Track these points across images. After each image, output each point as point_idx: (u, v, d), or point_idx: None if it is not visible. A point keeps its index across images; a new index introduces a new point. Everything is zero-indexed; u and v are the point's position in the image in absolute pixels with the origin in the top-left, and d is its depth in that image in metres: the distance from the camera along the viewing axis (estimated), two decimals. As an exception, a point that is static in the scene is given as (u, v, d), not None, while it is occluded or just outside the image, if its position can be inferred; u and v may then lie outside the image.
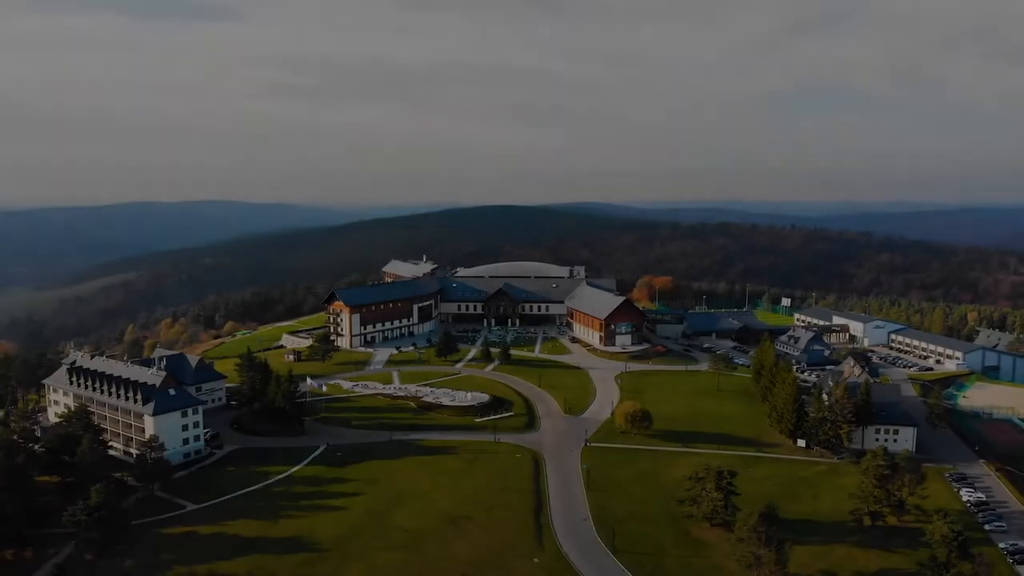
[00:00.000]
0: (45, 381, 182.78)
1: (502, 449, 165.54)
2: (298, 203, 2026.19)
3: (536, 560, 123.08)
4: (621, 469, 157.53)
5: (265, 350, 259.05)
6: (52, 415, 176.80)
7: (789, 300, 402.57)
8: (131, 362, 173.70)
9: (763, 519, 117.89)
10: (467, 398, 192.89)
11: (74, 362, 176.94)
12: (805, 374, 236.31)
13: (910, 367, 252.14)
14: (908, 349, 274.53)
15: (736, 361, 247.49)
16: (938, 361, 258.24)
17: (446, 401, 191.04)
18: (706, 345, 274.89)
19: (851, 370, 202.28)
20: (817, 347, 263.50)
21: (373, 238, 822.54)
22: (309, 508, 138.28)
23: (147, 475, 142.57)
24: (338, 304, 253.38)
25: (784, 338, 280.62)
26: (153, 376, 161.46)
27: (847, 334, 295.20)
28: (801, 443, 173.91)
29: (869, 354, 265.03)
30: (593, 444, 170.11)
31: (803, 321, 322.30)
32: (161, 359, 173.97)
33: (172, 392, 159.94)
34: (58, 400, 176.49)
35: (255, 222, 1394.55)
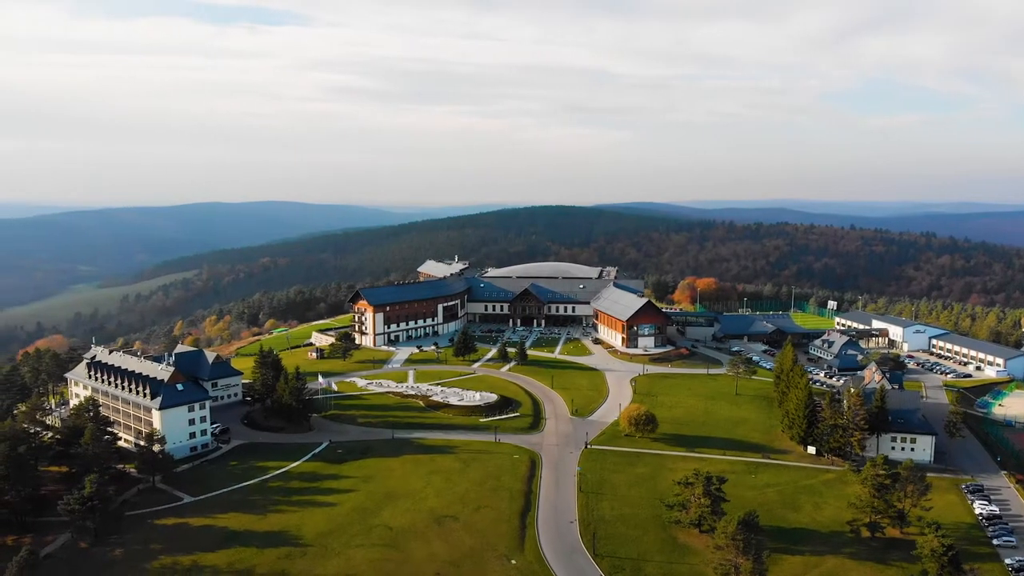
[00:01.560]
0: (68, 375, 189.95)
1: (501, 449, 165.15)
2: (358, 204, 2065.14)
3: (513, 561, 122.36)
4: (618, 472, 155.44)
5: (294, 347, 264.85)
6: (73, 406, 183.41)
7: (835, 303, 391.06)
8: (145, 358, 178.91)
9: (742, 527, 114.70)
10: (475, 398, 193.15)
11: (94, 357, 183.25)
12: (834, 379, 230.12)
13: (947, 373, 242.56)
14: (949, 355, 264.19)
15: (763, 365, 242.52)
16: (978, 368, 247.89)
17: (454, 400, 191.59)
18: (735, 348, 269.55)
19: (872, 376, 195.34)
20: (851, 352, 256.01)
21: (425, 238, 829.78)
22: (300, 504, 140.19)
23: (148, 467, 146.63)
24: (362, 303, 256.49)
25: (818, 342, 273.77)
26: (162, 371, 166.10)
27: (886, 339, 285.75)
28: (811, 450, 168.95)
29: (906, 359, 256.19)
30: (594, 447, 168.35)
31: (843, 325, 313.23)
32: (171, 355, 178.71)
33: (180, 387, 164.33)
34: (79, 393, 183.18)
35: (315, 222, 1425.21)
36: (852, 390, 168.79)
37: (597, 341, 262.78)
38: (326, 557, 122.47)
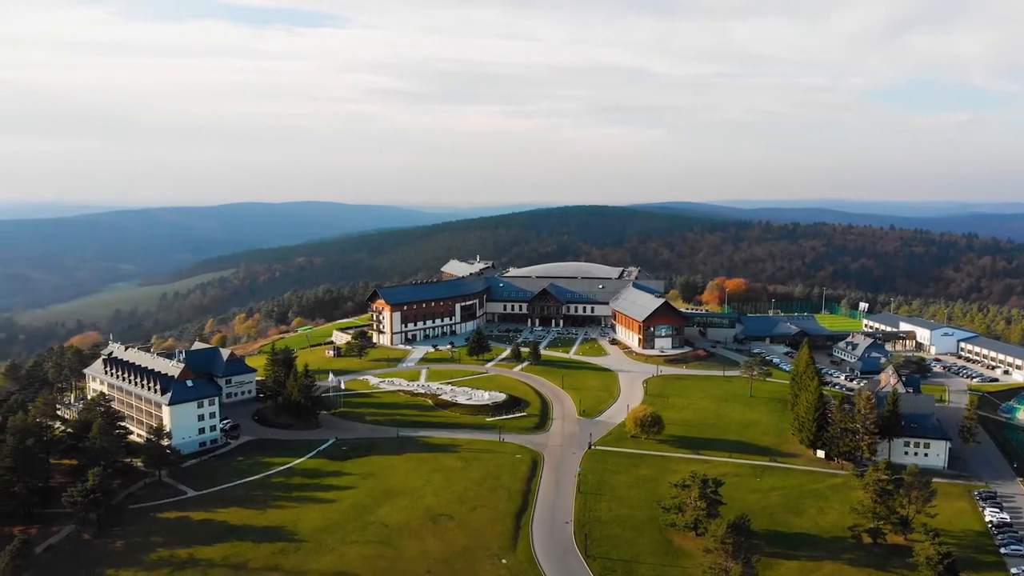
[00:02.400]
0: (86, 371, 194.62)
1: (504, 449, 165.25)
2: (394, 204, 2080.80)
3: (504, 561, 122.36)
4: (620, 474, 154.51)
5: (314, 345, 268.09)
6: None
7: (867, 305, 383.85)
8: (157, 354, 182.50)
9: (731, 530, 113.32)
10: (484, 397, 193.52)
11: (110, 353, 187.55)
12: (854, 382, 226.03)
13: (973, 377, 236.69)
14: (977, 358, 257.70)
15: (783, 367, 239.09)
16: (1006, 372, 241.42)
17: (462, 400, 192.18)
18: (756, 350, 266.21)
19: (888, 379, 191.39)
20: (875, 355, 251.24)
21: (457, 239, 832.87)
22: (300, 499, 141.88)
23: (155, 461, 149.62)
24: (380, 302, 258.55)
25: (842, 345, 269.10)
26: (173, 368, 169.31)
27: (914, 342, 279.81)
28: (821, 454, 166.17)
29: (932, 363, 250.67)
30: (599, 447, 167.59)
31: (870, 327, 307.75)
32: (181, 352, 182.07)
33: (189, 383, 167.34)
34: (96, 388, 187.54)
35: (351, 223, 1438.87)
36: (863, 393, 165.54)
37: (614, 342, 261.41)
38: (320, 553, 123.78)
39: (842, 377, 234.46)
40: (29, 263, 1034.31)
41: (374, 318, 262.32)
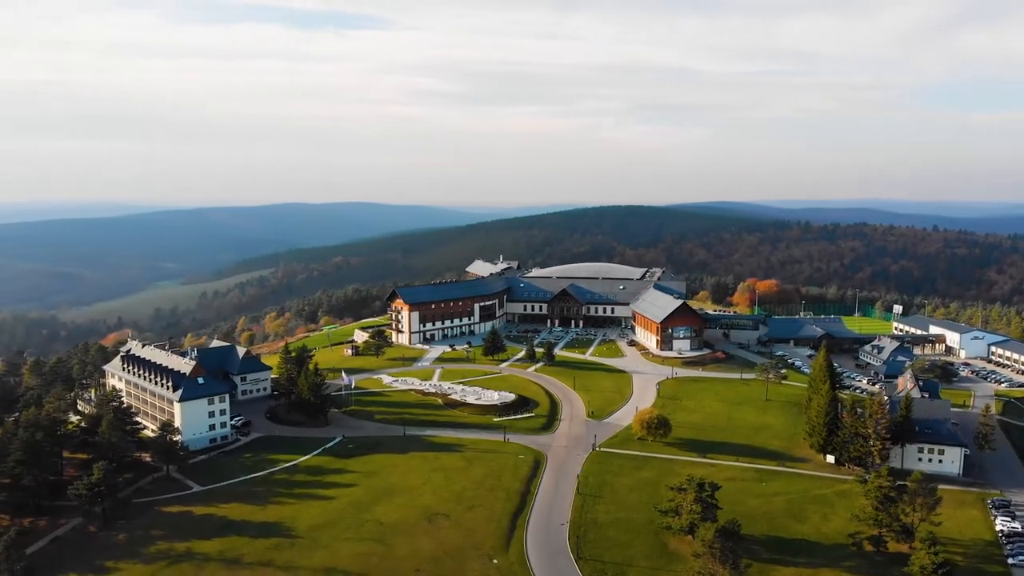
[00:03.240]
0: (105, 367, 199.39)
1: (508, 449, 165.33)
2: (436, 205, 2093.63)
3: (495, 561, 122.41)
4: (622, 476, 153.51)
5: (335, 344, 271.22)
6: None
7: (901, 308, 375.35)
8: (171, 351, 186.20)
9: (720, 534, 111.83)
10: (493, 397, 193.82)
11: (128, 350, 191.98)
12: (876, 386, 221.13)
13: (1002, 382, 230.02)
14: (1008, 363, 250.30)
15: (804, 371, 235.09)
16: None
17: (471, 399, 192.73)
18: (779, 353, 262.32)
19: (905, 383, 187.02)
20: (900, 358, 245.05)
21: (491, 239, 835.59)
22: (300, 496, 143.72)
23: (163, 456, 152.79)
24: (398, 302, 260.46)
25: (868, 348, 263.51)
26: (185, 365, 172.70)
27: (943, 345, 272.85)
28: (830, 459, 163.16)
29: (960, 367, 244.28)
30: (603, 449, 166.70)
31: (900, 330, 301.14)
32: (193, 349, 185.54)
33: (200, 380, 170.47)
34: (114, 384, 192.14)
35: (392, 223, 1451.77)
36: (874, 397, 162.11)
37: (632, 343, 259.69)
38: (313, 549, 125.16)
39: (864, 381, 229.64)
40: (77, 261, 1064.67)
41: (393, 317, 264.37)
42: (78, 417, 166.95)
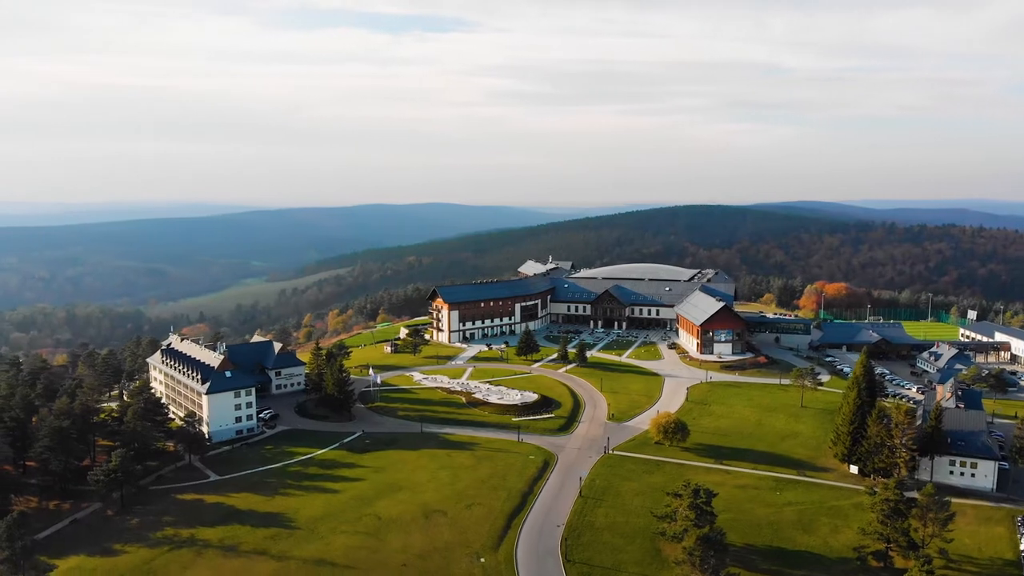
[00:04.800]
0: (148, 360, 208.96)
1: (519, 449, 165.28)
2: (515, 205, 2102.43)
3: (482, 560, 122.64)
4: (630, 480, 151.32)
5: (378, 342, 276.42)
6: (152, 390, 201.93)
7: (975, 313, 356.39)
8: (204, 346, 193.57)
9: (702, 542, 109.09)
10: (515, 397, 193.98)
11: (168, 344, 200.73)
12: (925, 395, 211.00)
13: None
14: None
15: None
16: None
17: (493, 399, 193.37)
18: (828, 358, 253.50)
19: (943, 392, 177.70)
20: (958, 366, 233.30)
21: (561, 239, 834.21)
22: (308, 489, 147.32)
23: (185, 446, 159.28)
24: (439, 301, 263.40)
25: (925, 355, 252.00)
26: (215, 359, 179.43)
27: (1008, 353, 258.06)
28: (854, 469, 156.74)
29: (1021, 375, 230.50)
30: (617, 452, 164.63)
31: (966, 336, 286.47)
32: (222, 343, 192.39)
33: (228, 374, 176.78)
34: (155, 376, 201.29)
35: (470, 223, 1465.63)
36: (900, 406, 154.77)
37: (673, 346, 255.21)
38: (309, 540, 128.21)
39: (914, 389, 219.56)
40: (168, 259, 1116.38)
41: (434, 316, 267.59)
42: (114, 406, 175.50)
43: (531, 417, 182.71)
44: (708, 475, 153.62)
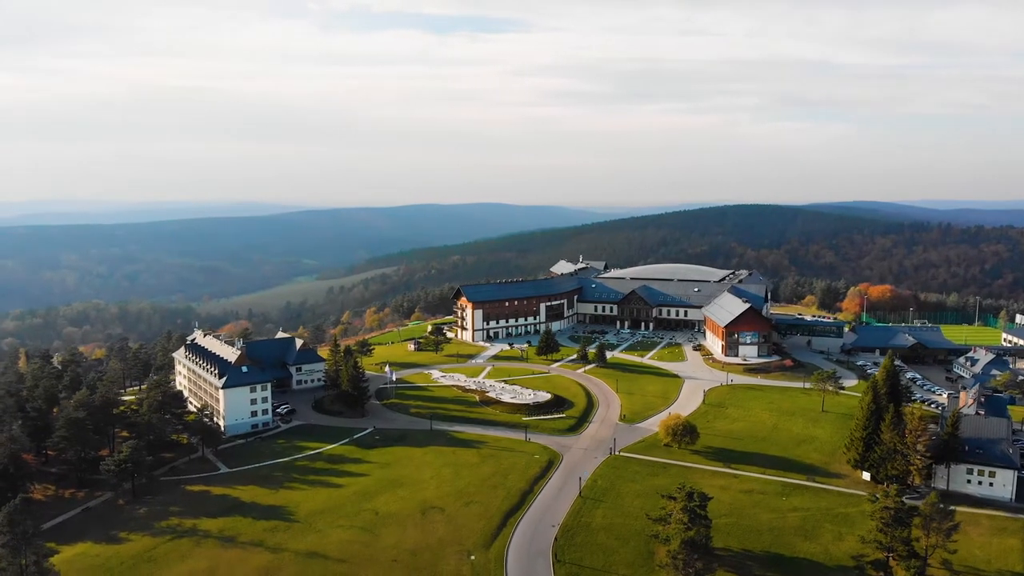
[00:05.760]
0: (174, 354, 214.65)
1: (525, 448, 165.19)
2: (563, 205, 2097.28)
3: (473, 557, 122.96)
4: (633, 482, 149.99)
5: (405, 340, 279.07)
6: (177, 383, 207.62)
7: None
8: (224, 341, 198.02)
9: (685, 545, 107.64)
10: (528, 396, 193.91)
11: (192, 339, 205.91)
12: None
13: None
14: None
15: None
16: None
17: (506, 398, 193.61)
18: (860, 362, 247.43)
19: (966, 399, 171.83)
20: (994, 372, 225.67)
21: (604, 239, 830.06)
22: (312, 483, 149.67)
23: (199, 438, 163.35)
24: (463, 300, 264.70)
25: (962, 360, 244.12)
26: (232, 354, 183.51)
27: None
28: (866, 476, 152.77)
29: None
30: (624, 454, 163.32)
31: (1009, 341, 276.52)
32: (240, 339, 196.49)
33: (244, 369, 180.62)
34: (180, 371, 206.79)
35: (517, 223, 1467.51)
36: (914, 411, 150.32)
37: (698, 348, 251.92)
38: (305, 534, 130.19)
39: (944, 395, 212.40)
40: (223, 257, 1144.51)
41: (458, 315, 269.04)
42: (131, 398, 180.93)
43: (542, 417, 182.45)
44: (714, 479, 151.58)
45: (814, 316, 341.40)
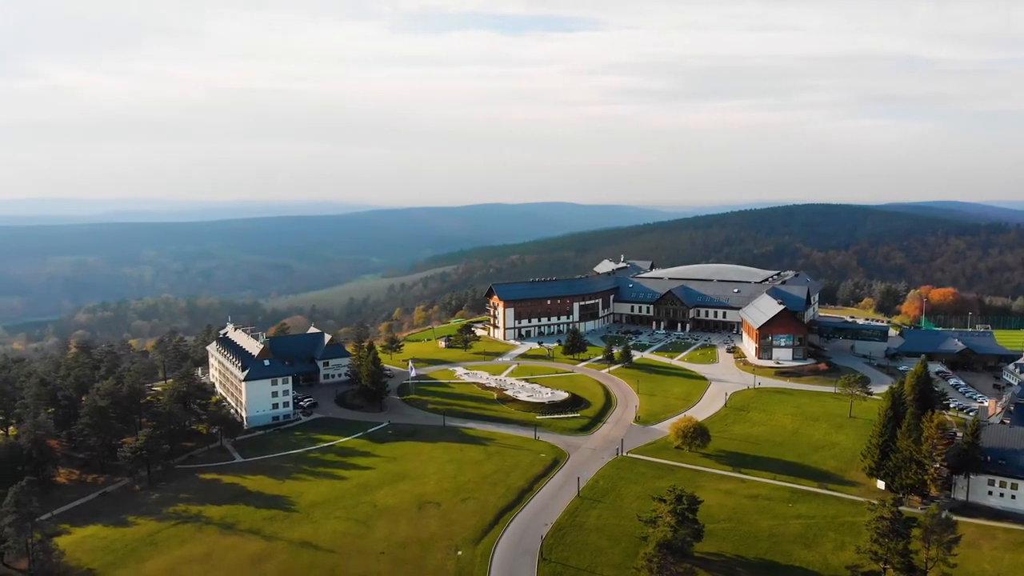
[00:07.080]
0: (208, 347, 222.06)
1: (533, 447, 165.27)
2: (630, 204, 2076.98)
3: (460, 553, 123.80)
4: (636, 483, 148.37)
5: (438, 337, 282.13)
6: (211, 375, 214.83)
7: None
8: (251, 334, 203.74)
9: (660, 548, 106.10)
10: (545, 395, 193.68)
11: (224, 333, 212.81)
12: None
13: None
14: None
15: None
16: None
17: (523, 396, 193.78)
18: (903, 367, 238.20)
19: (995, 408, 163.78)
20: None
21: (664, 239, 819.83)
22: (319, 475, 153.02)
23: (220, 428, 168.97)
24: (495, 298, 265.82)
25: (1011, 367, 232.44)
26: (256, 347, 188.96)
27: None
28: (881, 485, 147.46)
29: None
30: (632, 455, 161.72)
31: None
32: (262, 333, 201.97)
33: (267, 363, 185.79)
34: (212, 363, 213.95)
35: (581, 222, 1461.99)
36: (933, 419, 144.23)
37: (731, 350, 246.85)
38: (301, 524, 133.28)
39: (986, 402, 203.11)
40: (294, 255, 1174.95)
41: (491, 313, 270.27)
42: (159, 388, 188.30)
43: (556, 416, 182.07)
44: (720, 483, 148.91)
45: (867, 319, 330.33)
